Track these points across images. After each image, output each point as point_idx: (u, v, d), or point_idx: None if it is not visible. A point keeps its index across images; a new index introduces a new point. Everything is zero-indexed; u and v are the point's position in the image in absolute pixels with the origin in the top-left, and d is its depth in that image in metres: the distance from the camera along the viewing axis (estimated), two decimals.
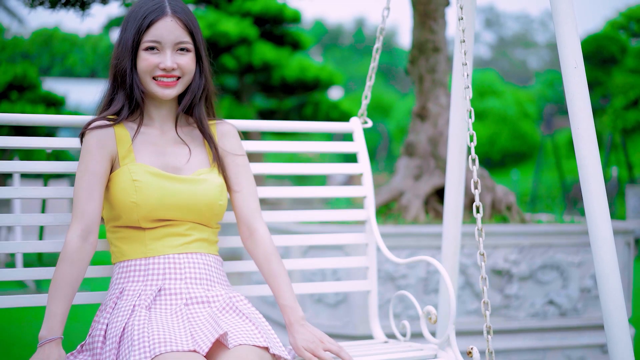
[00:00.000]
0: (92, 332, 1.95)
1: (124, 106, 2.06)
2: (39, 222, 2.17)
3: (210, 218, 2.06)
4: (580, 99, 2.09)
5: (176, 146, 2.09)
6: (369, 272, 2.46)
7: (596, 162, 2.07)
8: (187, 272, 1.99)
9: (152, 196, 1.97)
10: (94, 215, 1.97)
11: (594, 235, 2.04)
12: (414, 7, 4.24)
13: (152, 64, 2.01)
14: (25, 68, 11.55)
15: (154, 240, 2.00)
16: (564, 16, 2.11)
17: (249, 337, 1.82)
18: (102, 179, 2.00)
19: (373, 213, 2.46)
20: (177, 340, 1.77)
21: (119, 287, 1.99)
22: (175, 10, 2.03)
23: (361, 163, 2.51)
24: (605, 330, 2.05)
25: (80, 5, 4.03)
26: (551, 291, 3.74)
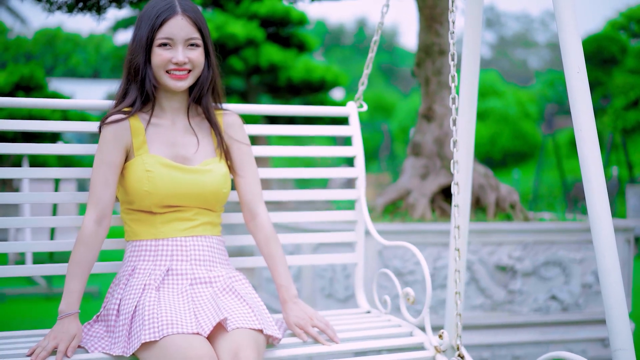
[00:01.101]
0: (107, 304, 2.18)
1: (137, 98, 2.23)
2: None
3: (214, 204, 2.27)
4: (582, 102, 2.20)
5: (185, 136, 2.27)
6: (357, 246, 2.68)
7: (598, 163, 2.19)
8: (192, 253, 2.20)
9: (163, 186, 2.17)
10: (109, 202, 2.17)
11: (596, 232, 2.15)
12: (420, 11, 4.36)
13: (165, 59, 2.19)
14: (32, 69, 11.64)
15: (164, 224, 2.20)
16: (567, 24, 2.22)
17: (245, 320, 2.03)
18: (117, 169, 2.19)
19: (363, 193, 2.66)
20: (183, 322, 1.98)
21: (131, 265, 2.20)
22: (185, 9, 2.21)
23: (355, 146, 2.70)
24: (607, 324, 2.16)
25: (97, 10, 4.15)
26: (554, 287, 3.86)
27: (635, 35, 19.48)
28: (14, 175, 2.29)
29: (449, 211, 4.16)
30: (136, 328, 2.03)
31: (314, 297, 3.74)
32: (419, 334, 2.39)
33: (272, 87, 12.81)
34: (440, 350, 2.30)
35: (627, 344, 2.11)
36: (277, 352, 2.16)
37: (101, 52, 29.77)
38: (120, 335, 2.08)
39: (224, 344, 1.98)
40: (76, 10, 4.11)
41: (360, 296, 2.71)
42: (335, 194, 2.72)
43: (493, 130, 25.55)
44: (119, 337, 2.08)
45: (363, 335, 2.33)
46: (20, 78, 11.41)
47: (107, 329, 2.15)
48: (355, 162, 2.70)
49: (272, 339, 2.14)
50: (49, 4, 4.07)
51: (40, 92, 11.60)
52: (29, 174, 2.32)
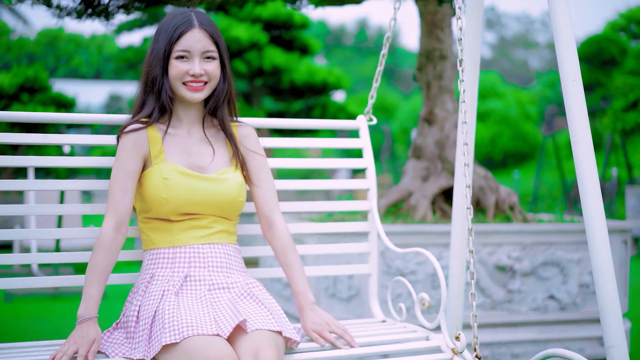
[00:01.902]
0: (126, 312, 2.20)
1: (154, 109, 2.28)
2: (55, 212, 2.36)
3: (230, 212, 2.30)
4: (578, 108, 2.29)
5: (201, 146, 2.31)
6: (370, 257, 2.71)
7: (592, 167, 2.28)
8: (209, 260, 2.23)
9: (181, 193, 2.21)
10: (126, 210, 2.21)
11: (590, 233, 2.23)
12: (422, 17, 4.46)
13: (182, 71, 2.24)
14: (36, 70, 11.75)
15: (181, 232, 2.23)
16: (563, 32, 2.31)
17: (264, 322, 2.06)
18: (135, 177, 2.23)
19: (375, 204, 2.70)
20: (203, 325, 2.01)
21: (150, 273, 2.23)
22: (201, 23, 2.27)
23: (366, 158, 2.75)
24: (601, 322, 2.24)
25: (105, 16, 4.25)
26: (552, 287, 3.95)
27: (635, 36, 19.55)
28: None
29: (449, 212, 4.25)
30: (156, 332, 2.05)
31: (317, 297, 3.84)
32: (435, 338, 2.41)
33: (275, 89, 12.92)
34: (457, 352, 2.31)
35: (620, 341, 2.20)
36: (296, 356, 2.19)
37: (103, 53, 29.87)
38: (141, 340, 2.10)
39: (244, 345, 2.01)
40: (85, 16, 4.20)
41: (374, 306, 2.73)
42: (348, 205, 2.75)
43: (493, 131, 25.64)
44: (139, 342, 2.10)
45: (380, 340, 2.35)
46: (24, 79, 11.51)
47: (126, 336, 2.17)
48: (366, 174, 2.74)
49: (291, 342, 2.16)
50: (58, 10, 4.17)
51: (44, 93, 11.71)
52: (34, 186, 2.34)
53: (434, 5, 4.34)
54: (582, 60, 20.19)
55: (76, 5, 4.14)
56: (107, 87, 31.02)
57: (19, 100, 11.67)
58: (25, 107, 11.50)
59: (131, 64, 15.34)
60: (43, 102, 11.76)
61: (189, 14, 2.28)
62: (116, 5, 4.18)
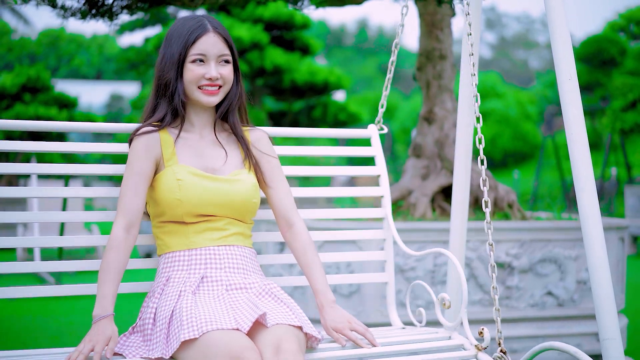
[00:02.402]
0: (142, 315, 2.17)
1: (167, 113, 2.28)
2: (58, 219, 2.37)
3: (245, 214, 2.28)
4: (573, 106, 2.35)
5: (214, 149, 2.31)
6: (387, 265, 2.69)
7: (588, 164, 2.33)
8: (226, 262, 2.21)
9: (194, 194, 2.19)
10: (137, 211, 2.20)
11: (585, 229, 2.27)
12: (421, 17, 4.52)
13: (198, 75, 2.24)
14: (39, 70, 11.82)
15: (196, 234, 2.22)
16: (559, 33, 2.37)
17: (284, 317, 2.04)
18: (146, 179, 2.22)
19: (389, 211, 2.70)
20: (222, 320, 1.98)
21: (165, 276, 2.21)
22: (215, 27, 2.28)
23: (378, 165, 2.77)
24: (596, 316, 2.28)
25: (109, 16, 4.30)
26: (549, 283, 4.00)
27: (634, 36, 19.61)
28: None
29: (448, 210, 4.31)
30: (174, 330, 2.02)
31: None
32: (457, 337, 2.39)
33: (276, 89, 13.00)
34: (481, 348, 2.29)
35: (615, 334, 2.26)
36: (317, 354, 2.16)
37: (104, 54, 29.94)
38: (158, 340, 2.07)
39: (264, 338, 1.98)
40: (89, 16, 4.26)
41: (392, 313, 2.69)
42: (363, 212, 2.74)
43: (494, 131, 25.70)
44: (156, 343, 2.07)
45: (402, 340, 2.33)
46: (26, 79, 11.59)
47: (143, 339, 2.14)
48: (380, 181, 2.75)
49: (312, 340, 2.14)
50: (63, 10, 4.22)
51: (47, 93, 11.79)
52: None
53: (433, 5, 4.40)
54: (582, 60, 20.26)
55: (80, 6, 4.20)
56: (108, 87, 31.11)
57: (21, 100, 11.73)
58: (27, 106, 11.57)
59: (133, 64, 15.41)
60: (45, 102, 11.82)
61: (202, 19, 2.28)
62: (120, 6, 4.23)
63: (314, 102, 13.47)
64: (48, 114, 11.45)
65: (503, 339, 2.27)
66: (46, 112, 11.37)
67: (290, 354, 1.95)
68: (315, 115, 13.20)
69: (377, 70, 44.70)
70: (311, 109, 13.31)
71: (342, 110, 13.08)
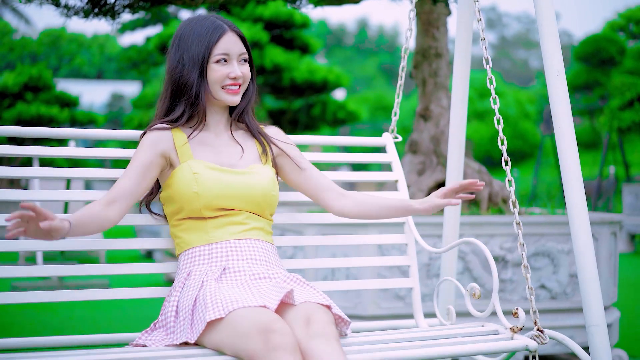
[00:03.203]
0: (164, 310, 2.14)
1: (183, 113, 2.26)
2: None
3: (264, 207, 2.26)
4: (561, 101, 2.44)
5: (230, 146, 2.31)
6: (411, 270, 2.69)
7: (574, 156, 2.42)
8: (247, 254, 2.18)
9: (212, 186, 2.18)
10: (123, 190, 2.15)
11: (572, 219, 2.36)
12: (418, 16, 4.60)
13: (223, 74, 2.24)
14: (40, 69, 11.91)
15: (215, 229, 2.19)
16: (548, 31, 2.45)
17: (312, 297, 2.01)
18: (144, 168, 2.19)
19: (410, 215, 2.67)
20: (247, 299, 1.93)
21: (186, 270, 2.18)
22: (231, 26, 2.29)
23: (395, 171, 2.82)
24: (582, 303, 2.35)
25: (111, 15, 4.39)
26: (543, 276, 4.08)
27: (634, 36, 19.67)
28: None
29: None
30: (198, 314, 1.97)
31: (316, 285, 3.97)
32: (489, 325, 2.38)
33: (276, 87, 13.12)
34: (517, 330, 2.26)
35: (600, 321, 2.34)
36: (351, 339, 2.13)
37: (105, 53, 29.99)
38: (182, 328, 2.02)
39: (293, 314, 1.93)
40: (92, 15, 4.34)
41: (419, 318, 2.66)
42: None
43: (493, 130, 25.76)
44: (180, 332, 2.03)
45: (434, 335, 2.27)
46: (28, 78, 11.68)
47: (166, 332, 2.10)
48: (398, 186, 2.80)
49: (341, 323, 2.10)
50: (66, 9, 4.31)
51: (48, 92, 11.88)
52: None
53: (429, 4, 4.49)
54: (581, 59, 20.33)
55: (83, 5, 4.28)
56: (109, 86, 31.21)
57: (23, 99, 11.82)
58: (29, 105, 11.65)
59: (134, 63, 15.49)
60: (47, 101, 11.91)
61: (215, 19, 2.28)
62: (122, 5, 4.32)
63: (313, 101, 13.59)
64: (50, 113, 11.53)
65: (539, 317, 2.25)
66: (48, 111, 11.46)
67: (322, 324, 1.91)
68: (314, 113, 13.32)
69: (377, 70, 44.79)
70: (310, 107, 13.43)
71: (341, 108, 13.20)
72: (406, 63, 2.88)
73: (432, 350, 2.10)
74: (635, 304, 6.47)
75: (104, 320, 5.52)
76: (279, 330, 1.83)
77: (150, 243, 2.40)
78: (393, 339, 2.19)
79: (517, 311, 2.25)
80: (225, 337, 1.90)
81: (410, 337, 2.22)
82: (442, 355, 2.10)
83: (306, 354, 1.84)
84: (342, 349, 1.89)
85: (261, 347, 1.81)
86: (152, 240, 2.40)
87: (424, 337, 2.24)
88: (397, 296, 3.91)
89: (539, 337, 2.23)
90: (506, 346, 2.20)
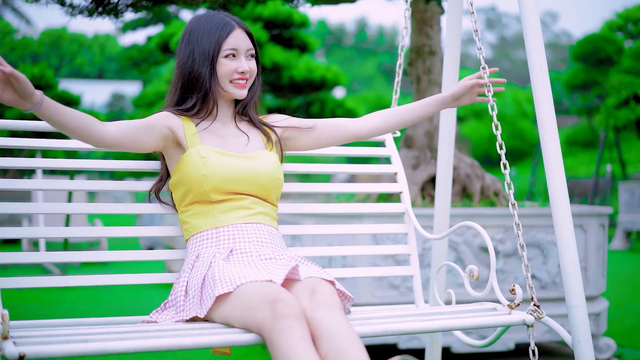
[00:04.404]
0: (174, 291, 2.22)
1: (195, 105, 2.36)
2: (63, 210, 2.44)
3: (270, 191, 2.35)
4: (544, 94, 2.55)
5: (236, 136, 2.41)
6: (411, 259, 2.79)
7: (556, 148, 2.53)
8: (253, 237, 2.27)
9: (219, 169, 2.27)
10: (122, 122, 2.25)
11: (554, 206, 2.44)
12: (412, 15, 4.74)
13: (232, 69, 2.33)
14: (43, 69, 12.03)
15: (222, 213, 2.28)
16: (531, 27, 2.56)
17: (316, 273, 2.10)
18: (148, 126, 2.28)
19: (409, 206, 2.81)
20: (254, 275, 2.02)
21: (195, 253, 2.27)
22: (239, 23, 2.40)
23: (394, 164, 2.93)
24: (563, 284, 2.44)
25: (115, 14, 4.52)
26: (533, 267, 4.21)
27: (632, 35, 19.77)
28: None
29: None
30: (207, 290, 2.05)
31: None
32: (488, 303, 2.44)
33: (275, 86, 13.26)
34: (514, 306, 2.32)
35: (580, 302, 2.46)
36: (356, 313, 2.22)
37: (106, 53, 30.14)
38: (192, 305, 2.10)
39: (299, 287, 2.01)
40: (96, 14, 4.47)
41: (420, 305, 2.75)
42: (380, 207, 2.85)
43: (491, 129, 25.85)
44: (190, 309, 2.11)
45: (438, 311, 2.35)
46: (30, 78, 11.80)
47: (176, 311, 2.17)
48: (397, 178, 2.90)
49: (344, 299, 2.16)
50: (71, 8, 4.44)
51: (51, 91, 11.99)
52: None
53: (422, 3, 4.62)
54: (579, 59, 20.43)
55: (87, 4, 4.41)
56: (110, 86, 31.35)
57: None
58: None
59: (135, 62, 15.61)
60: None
61: (223, 16, 2.37)
62: (125, 4, 4.45)
63: (312, 99, 13.74)
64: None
65: (535, 294, 2.34)
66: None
67: (326, 294, 1.97)
68: (313, 111, 13.45)
69: (376, 69, 44.91)
70: (309, 105, 13.58)
71: (339, 106, 13.35)
72: (403, 61, 2.98)
73: (433, 323, 2.17)
74: (626, 297, 6.61)
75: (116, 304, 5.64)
76: (286, 300, 1.89)
77: (152, 231, 2.50)
78: (395, 315, 2.26)
79: (514, 288, 2.31)
80: (233, 310, 1.97)
81: (411, 314, 2.28)
82: (443, 328, 2.18)
83: (312, 322, 1.90)
84: (346, 317, 1.96)
85: (269, 316, 1.87)
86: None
87: (426, 313, 2.31)
88: (392, 285, 4.04)
89: (536, 312, 2.29)
90: (504, 320, 2.26)
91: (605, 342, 4.37)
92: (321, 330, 1.87)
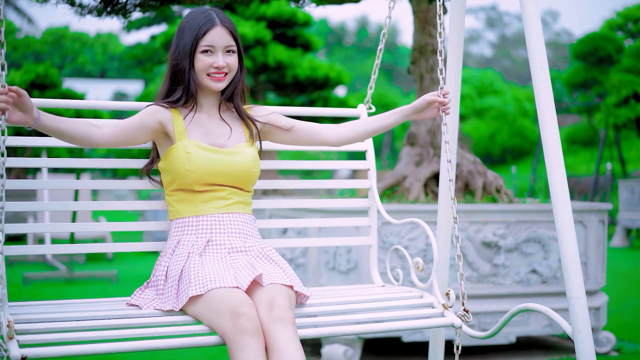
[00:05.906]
0: (155, 272, 2.50)
1: (181, 97, 2.57)
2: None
3: (246, 182, 2.59)
4: (544, 92, 2.62)
5: (220, 127, 2.61)
6: (371, 230, 3.03)
7: (557, 144, 2.60)
8: (229, 227, 2.52)
9: (202, 165, 2.49)
10: (113, 122, 2.46)
11: (555, 200, 2.51)
12: (415, 14, 4.81)
13: (207, 64, 2.53)
14: (47, 67, 12.11)
15: (203, 202, 2.53)
16: (532, 26, 2.63)
17: (277, 277, 2.36)
18: (139, 124, 2.49)
19: (374, 182, 3.02)
20: (224, 279, 2.30)
21: (176, 238, 2.52)
22: (222, 21, 2.56)
23: (365, 142, 3.06)
24: (563, 276, 2.54)
25: (123, 14, 4.60)
26: (534, 261, 4.29)
27: (632, 34, 19.84)
28: (34, 164, 2.57)
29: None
30: (183, 287, 2.34)
31: (318, 270, 4.19)
32: (428, 296, 2.70)
33: (279, 84, 13.35)
34: (447, 307, 2.60)
35: (580, 293, 2.54)
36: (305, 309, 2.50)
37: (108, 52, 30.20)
38: (170, 295, 2.39)
39: (260, 295, 2.29)
40: (104, 13, 4.55)
41: (374, 274, 3.03)
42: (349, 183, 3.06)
43: (492, 128, 25.97)
44: (168, 297, 2.39)
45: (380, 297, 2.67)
46: (35, 76, 11.88)
47: (156, 292, 2.45)
48: (366, 155, 3.07)
49: (301, 297, 2.47)
50: (80, 8, 4.52)
51: (55, 90, 12.07)
52: (47, 163, 2.62)
53: (425, 3, 4.70)
54: (579, 58, 20.50)
55: (97, 4, 4.49)
56: (112, 85, 31.44)
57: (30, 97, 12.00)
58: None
59: (139, 61, 15.69)
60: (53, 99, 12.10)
61: (210, 13, 2.56)
62: (133, 4, 4.53)
63: (315, 97, 13.83)
64: (56, 111, 11.73)
65: (466, 299, 2.58)
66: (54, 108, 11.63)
67: (282, 310, 2.25)
68: None
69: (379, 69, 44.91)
70: (312, 103, 13.67)
71: (342, 104, 13.44)
72: (383, 46, 3.13)
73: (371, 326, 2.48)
74: (626, 293, 6.70)
75: None
76: (246, 315, 2.19)
77: (145, 205, 2.74)
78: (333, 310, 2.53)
79: (449, 292, 2.58)
80: (203, 311, 2.27)
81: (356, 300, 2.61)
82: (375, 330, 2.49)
83: (267, 335, 2.20)
84: (297, 332, 2.25)
85: (230, 327, 2.17)
86: (149, 202, 2.74)
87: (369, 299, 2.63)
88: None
89: (464, 317, 2.54)
90: (435, 322, 2.56)
91: (605, 336, 4.45)
92: (273, 345, 2.18)
